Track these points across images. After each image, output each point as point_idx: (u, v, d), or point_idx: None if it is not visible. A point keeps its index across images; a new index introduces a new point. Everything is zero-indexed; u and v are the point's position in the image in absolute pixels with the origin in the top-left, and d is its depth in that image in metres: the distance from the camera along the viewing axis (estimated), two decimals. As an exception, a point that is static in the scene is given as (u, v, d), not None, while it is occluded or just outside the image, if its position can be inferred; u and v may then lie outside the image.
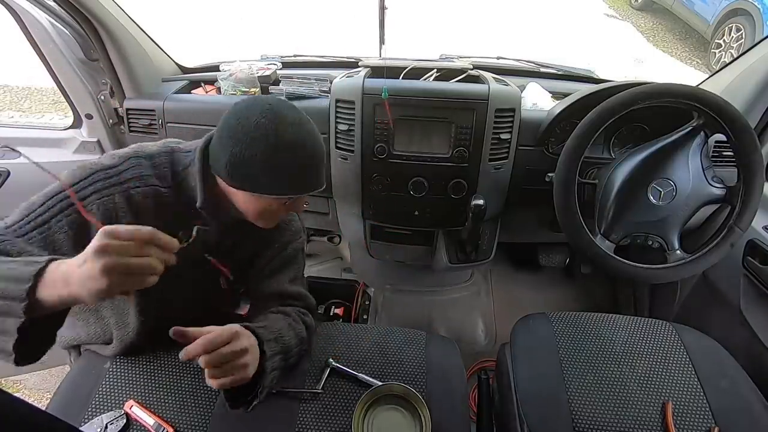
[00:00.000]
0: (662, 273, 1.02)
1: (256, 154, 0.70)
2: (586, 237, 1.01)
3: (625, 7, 5.72)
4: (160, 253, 0.55)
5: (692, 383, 0.90)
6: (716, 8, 4.33)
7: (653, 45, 4.87)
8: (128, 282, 0.53)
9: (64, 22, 1.22)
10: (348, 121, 1.17)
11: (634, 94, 0.97)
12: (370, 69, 1.26)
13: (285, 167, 0.72)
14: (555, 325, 1.02)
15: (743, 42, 3.98)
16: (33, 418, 0.41)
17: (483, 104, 1.12)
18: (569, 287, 1.83)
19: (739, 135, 0.94)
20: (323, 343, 0.96)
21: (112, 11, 1.20)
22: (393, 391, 0.84)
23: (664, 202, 1.01)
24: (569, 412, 0.86)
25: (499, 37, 4.54)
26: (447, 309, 1.70)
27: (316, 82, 1.26)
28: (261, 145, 0.69)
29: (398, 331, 1.00)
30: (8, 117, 3.18)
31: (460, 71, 1.31)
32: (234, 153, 0.70)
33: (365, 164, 1.20)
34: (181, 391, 0.85)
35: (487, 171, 1.19)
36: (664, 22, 5.30)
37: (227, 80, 1.29)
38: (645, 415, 0.85)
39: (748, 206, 0.97)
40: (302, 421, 0.82)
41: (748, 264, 1.15)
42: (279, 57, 1.49)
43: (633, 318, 1.05)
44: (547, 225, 1.39)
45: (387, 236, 1.39)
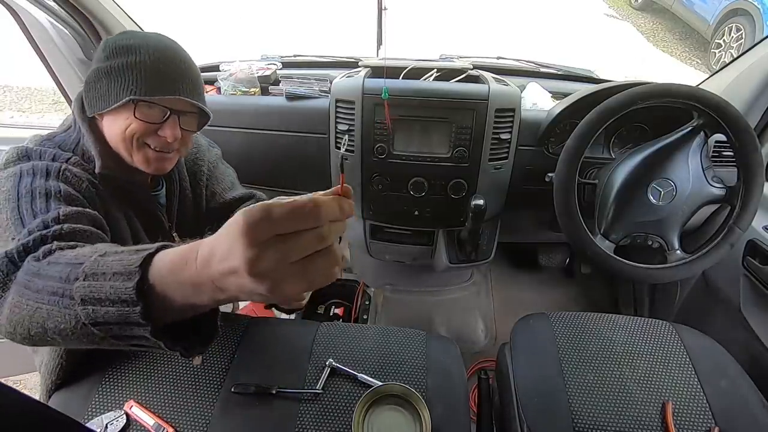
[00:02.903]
0: (662, 273, 1.02)
1: (101, 66, 0.70)
2: (586, 237, 1.01)
3: (625, 7, 5.72)
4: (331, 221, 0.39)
5: (692, 383, 0.90)
6: (716, 8, 4.33)
7: (653, 45, 4.87)
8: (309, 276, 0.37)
9: (64, 22, 1.22)
10: (348, 121, 1.17)
11: (634, 94, 0.97)
12: (370, 69, 1.26)
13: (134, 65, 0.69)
14: (555, 325, 1.02)
15: (743, 42, 3.98)
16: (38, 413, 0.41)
17: (483, 104, 1.12)
18: (569, 287, 1.82)
19: (739, 135, 0.94)
20: (323, 343, 0.96)
21: (112, 11, 1.20)
22: (393, 391, 0.84)
23: (664, 202, 1.01)
24: (569, 412, 0.86)
25: (499, 37, 4.54)
26: (447, 309, 1.70)
27: (316, 82, 1.26)
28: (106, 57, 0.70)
29: (398, 331, 1.00)
30: (8, 117, 3.19)
31: (460, 71, 1.31)
32: (86, 80, 0.72)
33: (365, 164, 1.20)
34: (181, 391, 0.85)
35: (487, 171, 1.19)
36: (664, 22, 5.30)
37: (227, 80, 1.29)
38: (645, 415, 0.85)
39: (748, 206, 0.97)
40: (302, 421, 0.82)
41: (748, 264, 1.15)
42: (279, 57, 1.49)
43: (633, 318, 1.05)
44: (547, 225, 1.39)
45: (387, 236, 1.39)
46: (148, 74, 0.70)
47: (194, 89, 0.75)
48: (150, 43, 0.71)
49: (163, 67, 0.71)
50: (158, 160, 0.78)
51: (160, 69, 0.71)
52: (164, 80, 0.71)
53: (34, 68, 1.38)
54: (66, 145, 0.75)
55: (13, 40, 1.34)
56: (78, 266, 0.46)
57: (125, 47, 0.70)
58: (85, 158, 0.75)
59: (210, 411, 0.83)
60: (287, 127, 1.25)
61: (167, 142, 0.75)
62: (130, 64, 0.69)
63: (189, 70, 0.75)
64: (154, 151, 0.77)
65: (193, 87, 0.75)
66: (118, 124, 0.73)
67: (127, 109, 0.71)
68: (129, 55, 0.69)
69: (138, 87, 0.69)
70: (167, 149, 0.77)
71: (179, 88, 0.72)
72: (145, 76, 0.70)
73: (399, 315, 1.67)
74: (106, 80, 0.70)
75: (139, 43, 0.70)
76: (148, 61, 0.70)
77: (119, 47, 0.70)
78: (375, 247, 1.40)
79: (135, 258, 0.41)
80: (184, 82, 0.73)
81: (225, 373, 0.89)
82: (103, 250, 0.47)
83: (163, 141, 0.75)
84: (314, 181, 1.34)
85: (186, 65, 0.74)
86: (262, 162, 1.33)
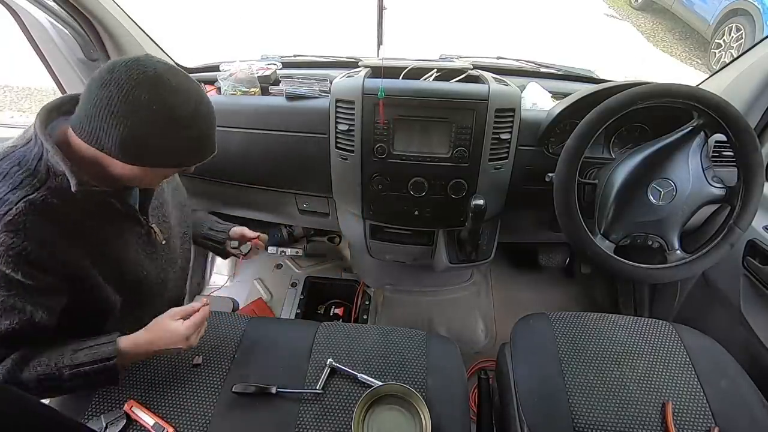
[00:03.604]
0: (662, 273, 1.02)
1: (158, 131, 0.67)
2: (586, 237, 1.01)
3: (625, 7, 5.72)
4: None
5: (692, 383, 0.90)
6: (716, 8, 4.33)
7: (653, 45, 4.87)
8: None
9: (64, 22, 1.22)
10: (348, 121, 1.17)
11: (634, 94, 0.96)
12: (370, 69, 1.26)
13: (185, 140, 0.70)
14: (555, 325, 1.02)
15: (743, 42, 3.97)
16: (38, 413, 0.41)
17: (483, 104, 1.12)
18: (569, 287, 1.83)
19: (739, 135, 0.94)
20: (323, 343, 0.96)
21: (112, 11, 1.20)
22: (393, 391, 0.84)
23: (664, 202, 1.01)
24: (569, 412, 0.86)
25: (499, 37, 4.54)
26: (447, 309, 1.70)
27: (316, 82, 1.26)
28: (162, 121, 0.66)
29: (398, 331, 1.00)
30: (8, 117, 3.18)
31: (460, 71, 1.30)
32: (129, 130, 0.65)
33: (365, 164, 1.20)
34: (181, 391, 0.85)
35: (487, 171, 1.19)
36: (664, 22, 5.29)
37: (227, 80, 1.29)
38: (645, 415, 0.85)
39: (748, 206, 0.97)
40: (302, 422, 0.82)
41: (748, 264, 1.15)
42: (279, 57, 1.49)
43: (633, 318, 1.05)
44: (547, 225, 1.39)
45: (387, 236, 1.39)
46: (197, 148, 0.74)
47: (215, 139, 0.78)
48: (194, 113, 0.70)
49: (206, 140, 0.74)
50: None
51: (205, 143, 0.74)
52: (206, 149, 0.75)
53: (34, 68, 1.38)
54: (26, 162, 0.70)
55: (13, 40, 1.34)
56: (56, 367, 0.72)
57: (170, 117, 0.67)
58: (51, 176, 0.70)
59: (210, 411, 0.83)
60: (287, 127, 1.25)
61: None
62: (180, 140, 0.70)
63: (215, 125, 0.76)
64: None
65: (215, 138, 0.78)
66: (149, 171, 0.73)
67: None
68: (177, 128, 0.69)
69: (187, 160, 0.74)
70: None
71: (213, 149, 0.77)
72: (194, 151, 0.73)
73: (399, 315, 1.67)
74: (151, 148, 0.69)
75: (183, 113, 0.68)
76: (197, 138, 0.72)
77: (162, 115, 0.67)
78: (375, 247, 1.40)
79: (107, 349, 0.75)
80: (215, 142, 0.77)
81: (225, 373, 0.89)
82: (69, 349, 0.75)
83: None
84: (314, 181, 1.34)
85: (214, 122, 0.76)
86: (262, 162, 1.32)
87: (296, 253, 1.89)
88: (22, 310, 0.70)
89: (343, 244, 1.94)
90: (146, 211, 0.87)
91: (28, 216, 0.66)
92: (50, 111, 0.73)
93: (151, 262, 0.88)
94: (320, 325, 1.01)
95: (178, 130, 0.68)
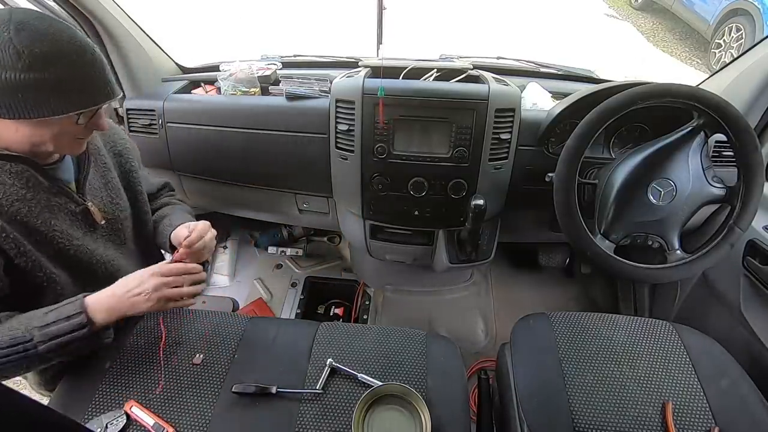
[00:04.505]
0: (662, 273, 1.02)
1: (29, 76, 0.63)
2: (586, 237, 1.01)
3: (625, 7, 5.73)
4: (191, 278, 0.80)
5: (692, 383, 0.90)
6: (716, 8, 4.33)
7: (653, 45, 4.87)
8: (172, 304, 0.80)
9: (64, 22, 1.22)
10: (348, 121, 1.17)
11: (634, 94, 0.97)
12: (370, 69, 1.26)
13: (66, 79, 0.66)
14: (555, 325, 1.02)
15: (743, 42, 3.98)
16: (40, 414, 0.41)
17: (483, 104, 1.12)
18: (569, 287, 1.83)
19: (739, 135, 0.94)
20: (323, 343, 0.96)
21: (112, 11, 1.20)
22: (393, 391, 0.84)
23: (664, 202, 1.01)
24: (569, 412, 0.86)
25: (499, 37, 4.54)
26: (447, 309, 1.70)
27: (316, 82, 1.26)
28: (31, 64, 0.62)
29: (398, 331, 1.00)
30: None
31: (460, 71, 1.31)
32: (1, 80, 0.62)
33: (365, 164, 1.20)
34: (181, 391, 0.85)
35: (487, 171, 1.19)
36: (664, 22, 5.30)
37: (227, 80, 1.29)
38: (645, 415, 0.85)
39: (748, 206, 0.97)
40: (302, 422, 0.82)
41: (748, 264, 1.15)
42: (279, 57, 1.49)
43: (633, 318, 1.05)
44: (547, 225, 1.39)
45: (387, 236, 1.39)
46: (85, 88, 0.69)
47: (112, 81, 0.73)
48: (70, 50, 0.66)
49: (94, 73, 0.69)
50: (82, 145, 0.80)
51: (93, 78, 0.69)
52: (95, 84, 0.70)
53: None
54: None
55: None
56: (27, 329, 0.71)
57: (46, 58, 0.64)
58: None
59: (210, 411, 0.83)
60: (287, 127, 1.25)
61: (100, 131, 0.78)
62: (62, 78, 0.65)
63: (105, 65, 0.72)
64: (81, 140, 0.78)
65: (111, 79, 0.73)
66: (49, 128, 0.70)
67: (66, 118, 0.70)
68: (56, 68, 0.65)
69: (72, 102, 0.68)
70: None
71: (110, 90, 0.72)
72: (73, 89, 0.68)
73: (399, 315, 1.67)
74: (37, 93, 0.65)
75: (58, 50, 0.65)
76: (80, 72, 0.68)
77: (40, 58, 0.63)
78: (375, 247, 1.40)
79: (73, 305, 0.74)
80: (110, 82, 0.73)
81: (225, 373, 0.89)
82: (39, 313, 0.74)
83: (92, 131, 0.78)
84: (314, 181, 1.34)
85: (102, 61, 0.71)
86: (262, 162, 1.33)
87: (296, 253, 1.89)
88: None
89: (343, 244, 1.94)
90: (82, 188, 0.84)
91: None
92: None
93: (93, 242, 0.86)
94: (320, 325, 1.01)
95: (53, 70, 0.64)
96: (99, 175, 0.90)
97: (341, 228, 1.46)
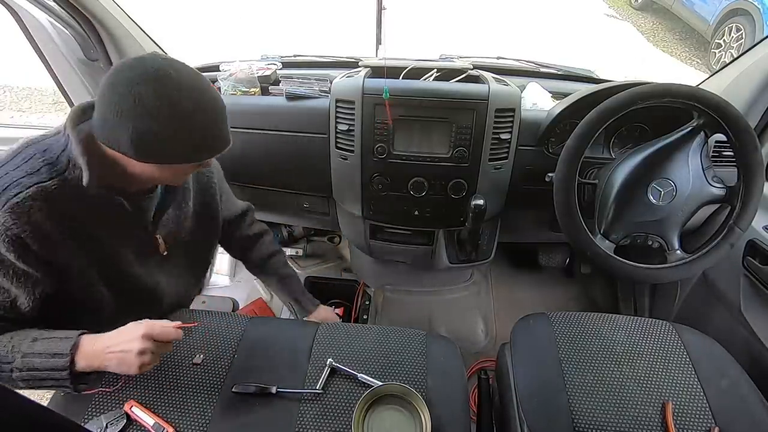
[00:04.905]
0: (662, 273, 1.02)
1: (165, 128, 0.67)
2: (586, 237, 1.01)
3: (625, 7, 5.73)
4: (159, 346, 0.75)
5: (692, 383, 0.90)
6: (716, 8, 4.33)
7: (653, 45, 4.87)
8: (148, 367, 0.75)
9: (64, 22, 1.22)
10: (348, 121, 1.17)
11: (634, 94, 0.96)
12: (370, 69, 1.26)
13: (196, 135, 0.70)
14: (555, 325, 1.02)
15: (743, 42, 3.98)
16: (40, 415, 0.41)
17: (483, 104, 1.12)
18: (569, 287, 1.83)
19: (739, 135, 0.94)
20: (323, 343, 0.96)
21: (112, 11, 1.20)
22: (393, 391, 0.84)
23: (664, 202, 1.01)
24: (569, 412, 0.86)
25: (499, 37, 4.54)
26: (447, 309, 1.70)
27: (316, 82, 1.26)
28: (167, 117, 0.66)
29: (398, 331, 1.00)
30: (8, 117, 3.18)
31: (460, 71, 1.30)
32: (138, 129, 0.66)
33: (365, 164, 1.20)
34: (181, 391, 0.85)
35: (487, 171, 1.19)
36: (664, 22, 5.30)
37: (227, 80, 1.29)
38: (645, 415, 0.85)
39: (748, 206, 0.97)
40: (302, 422, 0.82)
41: (748, 264, 1.15)
42: (279, 57, 1.49)
43: (633, 318, 1.05)
44: (547, 225, 1.39)
45: (387, 236, 1.39)
46: (206, 142, 0.73)
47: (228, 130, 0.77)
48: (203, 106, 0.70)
49: (215, 130, 0.73)
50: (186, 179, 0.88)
51: (214, 134, 0.73)
52: (216, 141, 0.74)
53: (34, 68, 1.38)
54: (51, 151, 0.72)
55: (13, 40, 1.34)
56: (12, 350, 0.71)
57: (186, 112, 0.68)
58: (68, 170, 0.72)
59: (210, 411, 0.83)
60: (287, 127, 1.25)
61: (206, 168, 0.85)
62: (186, 133, 0.69)
63: (226, 117, 0.75)
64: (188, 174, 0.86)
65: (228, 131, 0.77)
66: (163, 169, 0.74)
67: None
68: (182, 121, 0.68)
69: (197, 154, 0.73)
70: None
71: (225, 142, 0.76)
72: (206, 146, 0.73)
73: (399, 315, 1.67)
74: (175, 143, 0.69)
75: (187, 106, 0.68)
76: (203, 129, 0.71)
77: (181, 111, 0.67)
78: (375, 247, 1.40)
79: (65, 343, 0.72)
80: (227, 134, 0.76)
81: (225, 373, 0.89)
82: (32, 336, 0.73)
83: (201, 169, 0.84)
84: (314, 181, 1.34)
85: (224, 114, 0.75)
86: (262, 162, 1.32)
87: (296, 253, 1.89)
88: (7, 291, 0.71)
89: (343, 244, 1.94)
90: (158, 220, 0.87)
91: (36, 201, 0.68)
92: (84, 110, 0.73)
93: (146, 267, 0.88)
94: (320, 325, 1.01)
95: (182, 125, 0.68)
96: (177, 206, 0.92)
97: (341, 228, 1.46)
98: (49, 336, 0.73)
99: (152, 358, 0.73)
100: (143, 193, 0.83)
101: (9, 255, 0.68)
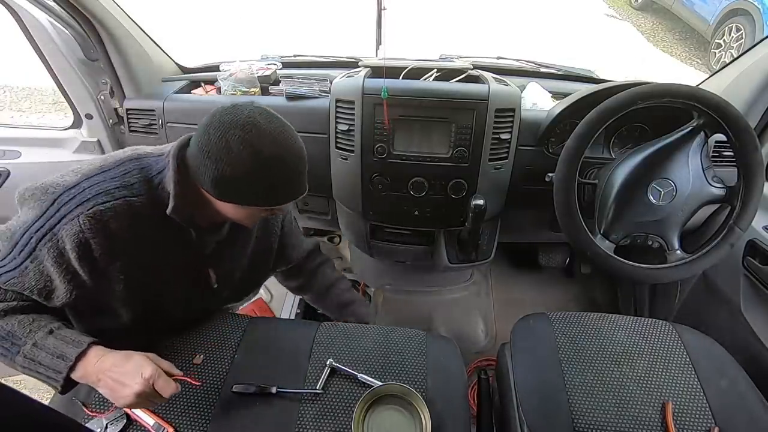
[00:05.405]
0: (662, 273, 1.02)
1: (245, 172, 0.71)
2: (586, 237, 1.01)
3: (625, 7, 5.72)
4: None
5: (692, 383, 0.90)
6: (716, 8, 4.33)
7: (653, 45, 4.87)
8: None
9: (64, 22, 1.22)
10: (348, 121, 1.17)
11: (634, 94, 0.97)
12: (370, 69, 1.26)
13: (274, 181, 0.74)
14: (555, 325, 1.02)
15: (743, 42, 3.97)
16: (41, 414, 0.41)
17: (483, 104, 1.12)
18: (569, 287, 1.83)
19: (739, 135, 0.94)
20: (323, 343, 0.96)
21: (112, 11, 1.20)
22: (393, 391, 0.84)
23: (664, 202, 1.01)
24: (569, 412, 0.86)
25: (499, 37, 4.54)
26: (447, 309, 1.70)
27: (316, 82, 1.26)
28: (249, 162, 0.70)
29: (398, 331, 1.00)
30: (8, 117, 3.19)
31: (460, 71, 1.30)
32: (221, 170, 0.71)
33: (365, 164, 1.20)
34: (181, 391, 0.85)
35: (487, 171, 1.19)
36: (664, 22, 5.29)
37: (227, 80, 1.29)
38: (645, 415, 0.85)
39: (748, 206, 0.97)
40: (302, 422, 0.82)
41: (748, 264, 1.15)
42: (279, 57, 1.49)
43: (633, 318, 1.05)
44: (547, 225, 1.39)
45: (387, 236, 1.39)
46: (286, 190, 0.77)
47: (306, 179, 0.80)
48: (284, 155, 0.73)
49: (293, 178, 0.77)
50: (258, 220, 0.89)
51: (292, 182, 0.77)
52: (292, 188, 0.78)
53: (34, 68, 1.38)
54: (149, 170, 0.77)
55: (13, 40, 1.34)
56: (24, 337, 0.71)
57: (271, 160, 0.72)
58: (157, 191, 0.76)
59: (210, 411, 0.83)
60: (287, 127, 1.25)
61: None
62: (264, 179, 0.73)
63: (306, 167, 0.79)
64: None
65: (306, 178, 0.80)
66: (241, 209, 0.77)
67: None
68: (261, 168, 0.72)
69: (272, 199, 0.77)
70: None
71: (301, 191, 0.80)
72: (283, 193, 0.78)
73: (399, 315, 1.67)
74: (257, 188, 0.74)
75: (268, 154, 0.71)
76: (280, 176, 0.75)
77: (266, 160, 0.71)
78: (375, 247, 1.40)
79: (74, 349, 0.71)
80: (305, 182, 0.80)
81: (225, 373, 0.89)
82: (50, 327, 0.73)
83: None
84: (314, 181, 1.33)
85: (304, 164, 0.78)
86: (262, 162, 1.32)
87: (296, 253, 1.89)
88: (52, 281, 0.73)
89: (343, 244, 1.94)
90: (216, 252, 0.89)
91: (117, 214, 0.72)
92: (190, 142, 0.77)
93: (188, 296, 0.90)
94: (320, 325, 1.01)
95: (264, 172, 0.72)
96: (239, 245, 0.94)
97: (341, 228, 1.46)
98: (62, 334, 0.73)
99: (143, 403, 0.70)
100: (212, 227, 0.86)
101: (71, 253, 0.70)
